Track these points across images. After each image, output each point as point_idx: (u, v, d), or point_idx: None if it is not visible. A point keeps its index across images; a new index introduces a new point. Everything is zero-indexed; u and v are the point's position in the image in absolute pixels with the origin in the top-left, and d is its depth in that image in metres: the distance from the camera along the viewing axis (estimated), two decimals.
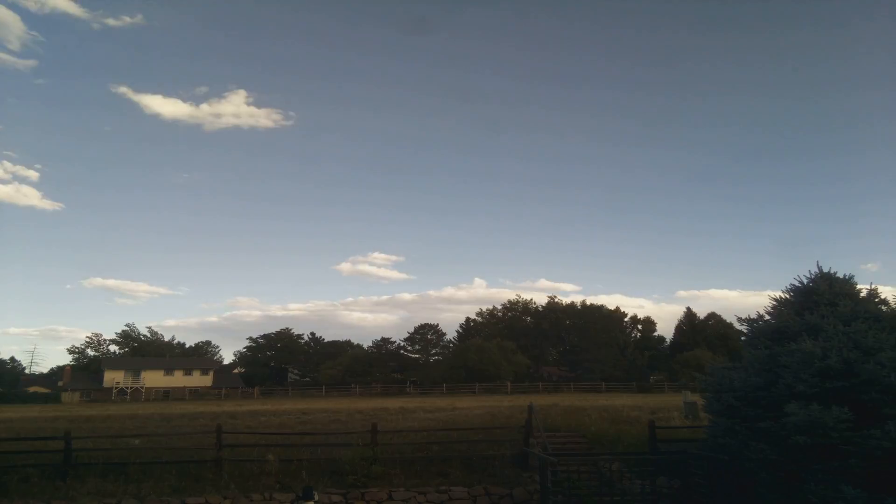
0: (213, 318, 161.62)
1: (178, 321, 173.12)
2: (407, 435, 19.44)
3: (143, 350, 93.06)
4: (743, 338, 16.28)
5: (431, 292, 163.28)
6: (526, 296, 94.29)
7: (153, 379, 78.72)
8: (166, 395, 73.37)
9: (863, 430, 10.89)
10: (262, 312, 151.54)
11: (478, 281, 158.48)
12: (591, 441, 19.01)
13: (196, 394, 72.09)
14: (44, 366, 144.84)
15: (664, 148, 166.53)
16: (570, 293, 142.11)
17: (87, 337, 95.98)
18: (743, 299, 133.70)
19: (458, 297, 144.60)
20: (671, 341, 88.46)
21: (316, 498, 14.22)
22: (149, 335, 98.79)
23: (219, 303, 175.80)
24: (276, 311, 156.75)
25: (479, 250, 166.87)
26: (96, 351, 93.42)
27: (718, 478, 13.15)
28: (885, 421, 10.83)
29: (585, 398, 41.57)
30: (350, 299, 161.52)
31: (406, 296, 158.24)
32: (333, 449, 17.45)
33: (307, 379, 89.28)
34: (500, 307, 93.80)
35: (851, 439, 10.88)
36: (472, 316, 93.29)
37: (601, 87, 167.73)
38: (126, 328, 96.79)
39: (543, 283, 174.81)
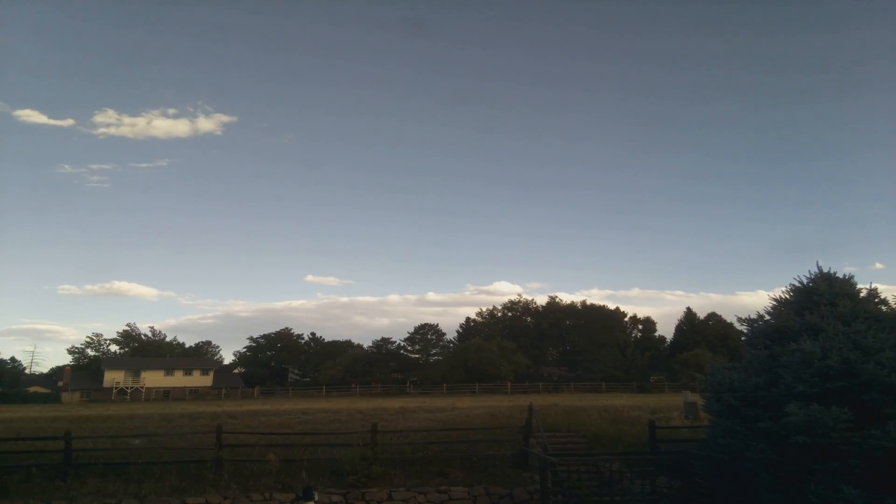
0: (172, 321, 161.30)
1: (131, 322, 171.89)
2: (407, 435, 19.43)
3: (143, 350, 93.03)
4: (743, 338, 16.29)
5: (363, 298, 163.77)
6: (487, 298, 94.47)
7: (153, 379, 78.68)
8: (166, 395, 73.36)
9: (863, 430, 10.89)
10: (213, 314, 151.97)
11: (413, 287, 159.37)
12: (591, 441, 19.00)
13: (196, 394, 72.07)
14: (44, 366, 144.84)
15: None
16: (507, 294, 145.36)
17: (88, 337, 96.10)
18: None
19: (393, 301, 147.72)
20: (671, 341, 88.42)
21: (316, 498, 14.21)
22: (149, 335, 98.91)
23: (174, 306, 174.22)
24: (225, 311, 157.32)
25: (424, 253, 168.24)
26: (96, 351, 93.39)
27: (718, 478, 13.15)
28: (885, 421, 10.83)
29: (585, 398, 41.57)
30: (294, 302, 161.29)
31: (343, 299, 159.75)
32: (333, 449, 17.45)
33: (307, 379, 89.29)
34: (500, 307, 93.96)
35: (851, 439, 10.89)
36: (473, 317, 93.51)
37: (598, 89, 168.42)
38: (127, 328, 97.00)
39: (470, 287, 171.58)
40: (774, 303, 14.51)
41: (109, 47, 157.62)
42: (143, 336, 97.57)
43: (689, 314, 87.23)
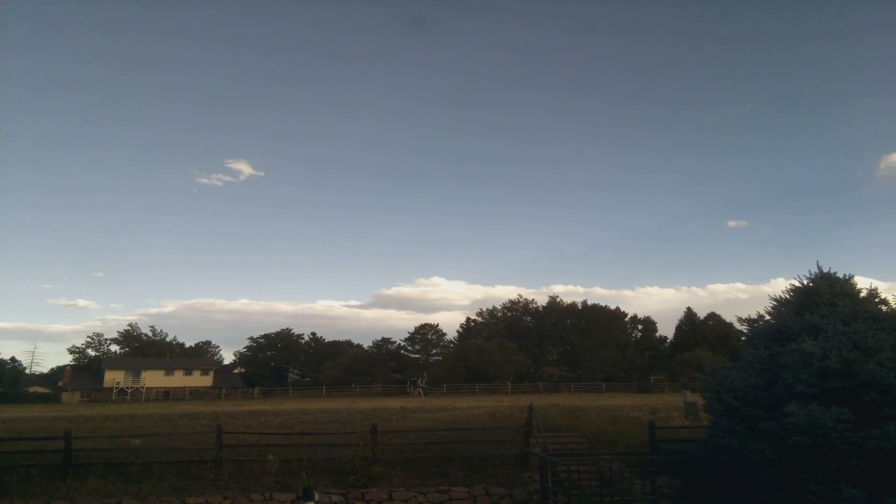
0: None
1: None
2: (407, 435, 19.43)
3: (143, 350, 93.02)
4: (743, 338, 16.30)
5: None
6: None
7: (153, 379, 78.73)
8: (166, 395, 73.39)
9: (863, 431, 10.89)
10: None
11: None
12: (591, 441, 18.99)
13: (196, 394, 72.07)
14: (44, 366, 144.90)
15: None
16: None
17: (88, 337, 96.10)
18: None
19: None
20: (671, 341, 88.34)
21: (316, 498, 14.18)
22: (150, 335, 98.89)
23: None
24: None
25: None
26: (96, 351, 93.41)
27: (718, 478, 13.14)
28: (885, 421, 10.83)
29: (585, 398, 41.53)
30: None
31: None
32: (333, 449, 17.45)
33: (307, 379, 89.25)
34: (500, 307, 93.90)
35: (851, 439, 10.88)
36: (472, 316, 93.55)
37: (596, 92, 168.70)
38: (128, 328, 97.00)
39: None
40: (774, 303, 14.51)
41: (108, 54, 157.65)
42: (143, 336, 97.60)
43: (689, 314, 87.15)
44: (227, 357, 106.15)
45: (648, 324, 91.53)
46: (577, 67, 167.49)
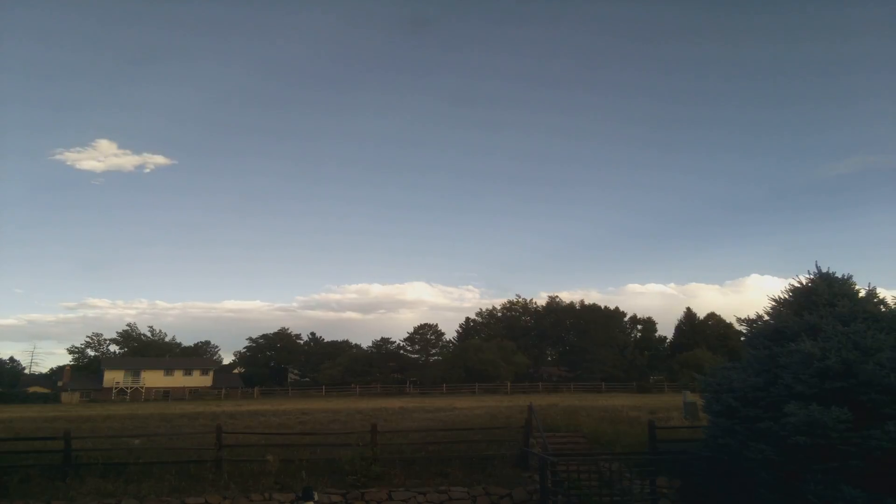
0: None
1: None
2: (407, 435, 19.44)
3: (142, 350, 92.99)
4: (742, 338, 16.32)
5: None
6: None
7: (153, 379, 78.70)
8: (166, 395, 73.39)
9: (862, 431, 10.91)
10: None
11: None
12: (590, 441, 19.00)
13: (196, 394, 72.07)
14: (43, 366, 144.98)
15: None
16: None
17: (88, 337, 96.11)
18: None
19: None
20: (671, 341, 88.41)
21: (316, 498, 14.19)
22: (149, 335, 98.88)
23: None
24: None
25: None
26: (96, 351, 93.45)
27: (718, 478, 13.16)
28: (884, 421, 10.84)
29: (585, 398, 41.59)
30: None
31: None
32: (333, 449, 17.45)
33: (307, 379, 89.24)
34: (499, 307, 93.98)
35: (851, 439, 10.90)
36: (472, 317, 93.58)
37: (596, 90, 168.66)
38: (127, 328, 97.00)
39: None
40: (774, 303, 14.53)
41: (111, 47, 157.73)
42: (142, 336, 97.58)
43: (689, 314, 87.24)
44: (227, 357, 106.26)
45: (648, 324, 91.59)
46: (577, 66, 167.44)
